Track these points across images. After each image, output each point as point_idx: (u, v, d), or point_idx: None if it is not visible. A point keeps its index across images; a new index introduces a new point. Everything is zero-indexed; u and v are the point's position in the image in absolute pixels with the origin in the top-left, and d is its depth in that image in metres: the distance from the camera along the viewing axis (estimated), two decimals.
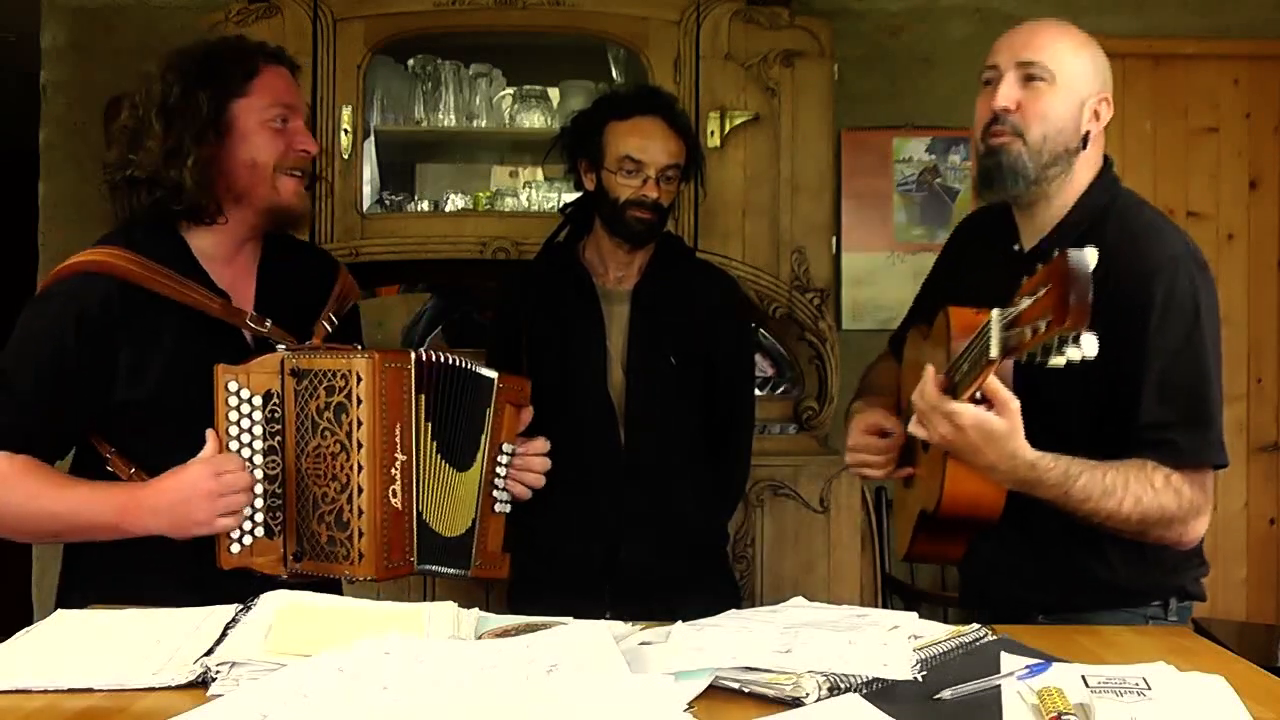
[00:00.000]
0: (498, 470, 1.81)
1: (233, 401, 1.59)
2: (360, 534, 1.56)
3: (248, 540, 1.59)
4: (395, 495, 1.59)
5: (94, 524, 1.60)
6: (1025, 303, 1.25)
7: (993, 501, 1.51)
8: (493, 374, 1.79)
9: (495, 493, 1.81)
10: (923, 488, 1.67)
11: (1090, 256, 1.18)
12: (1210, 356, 1.55)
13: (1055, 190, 1.65)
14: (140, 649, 1.24)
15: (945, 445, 1.47)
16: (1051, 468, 1.46)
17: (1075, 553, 1.60)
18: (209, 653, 1.20)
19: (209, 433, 1.58)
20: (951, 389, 1.44)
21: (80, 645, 1.28)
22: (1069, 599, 1.62)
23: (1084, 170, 1.67)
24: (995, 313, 1.31)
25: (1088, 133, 1.66)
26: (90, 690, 1.15)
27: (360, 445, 1.57)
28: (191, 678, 1.16)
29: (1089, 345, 1.19)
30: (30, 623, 1.37)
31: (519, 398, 1.84)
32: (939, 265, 1.99)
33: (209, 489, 1.54)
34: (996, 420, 1.41)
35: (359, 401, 1.56)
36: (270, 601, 1.33)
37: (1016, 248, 1.72)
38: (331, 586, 1.80)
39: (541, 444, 1.88)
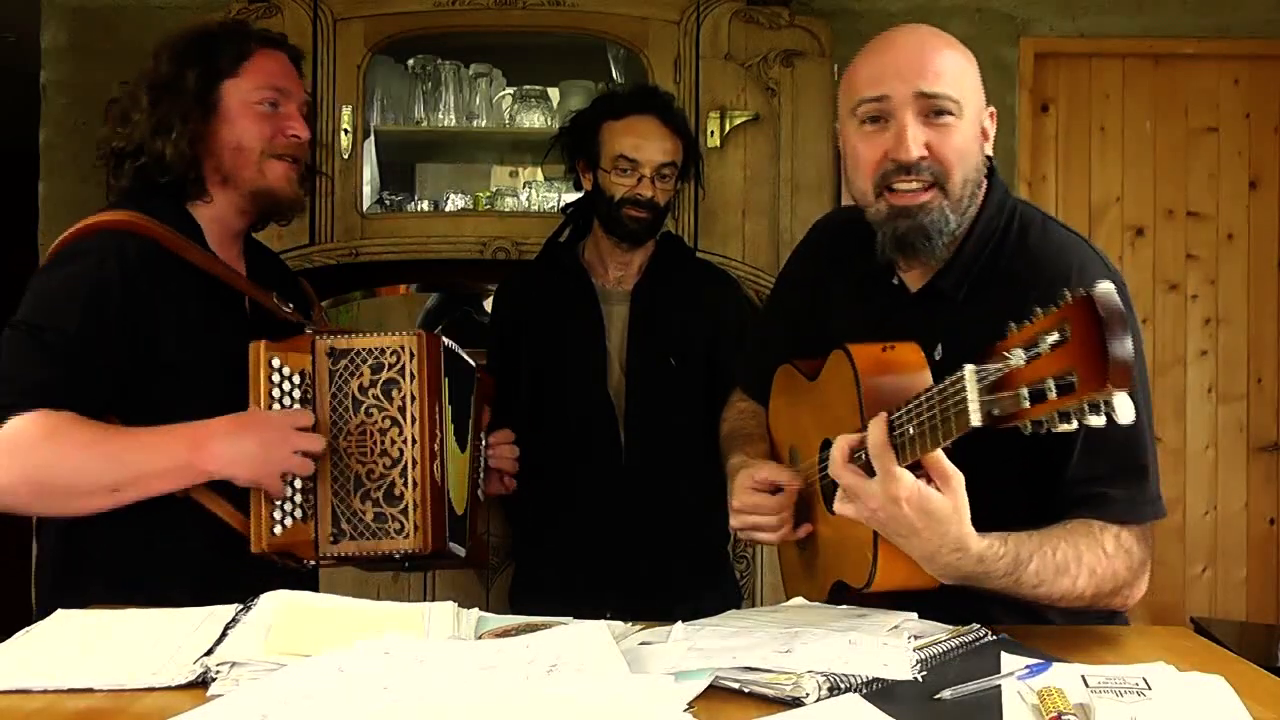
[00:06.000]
0: (480, 459, 1.84)
1: (275, 379, 1.57)
2: (414, 506, 1.58)
3: (288, 523, 1.56)
4: (437, 471, 1.61)
5: (163, 468, 1.52)
6: (1017, 357, 1.01)
7: (930, 577, 1.30)
8: (474, 364, 1.82)
9: (479, 479, 1.84)
10: (833, 552, 1.46)
11: (1115, 293, 0.94)
12: (1141, 403, 1.30)
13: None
14: (140, 649, 1.24)
15: (873, 522, 1.25)
16: (1000, 557, 1.25)
17: (1007, 618, 1.36)
18: (209, 653, 1.20)
19: (253, 409, 1.55)
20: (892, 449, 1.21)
21: (80, 645, 1.27)
22: None
23: (980, 190, 1.45)
24: (970, 369, 1.07)
25: (989, 158, 1.45)
26: (90, 690, 1.15)
27: (414, 419, 1.59)
28: (191, 678, 1.16)
29: (1124, 410, 0.94)
30: (30, 623, 1.37)
31: (489, 393, 1.88)
32: (790, 287, 1.73)
33: (289, 439, 1.52)
34: (938, 498, 1.19)
35: (412, 377, 1.59)
36: (270, 601, 1.33)
37: (896, 281, 1.49)
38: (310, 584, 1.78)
39: (509, 434, 1.91)
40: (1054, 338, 0.98)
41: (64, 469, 1.50)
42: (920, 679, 1.14)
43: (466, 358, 1.79)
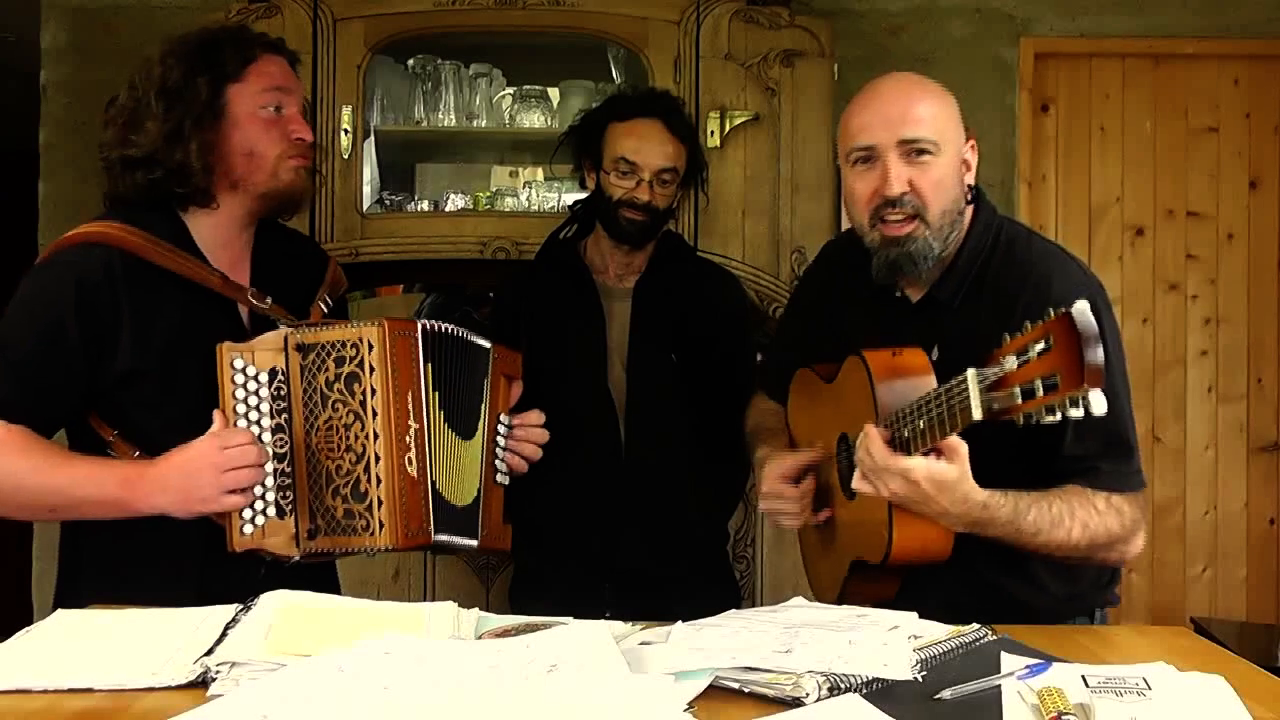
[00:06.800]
0: (497, 441, 1.81)
1: (239, 379, 1.58)
2: (379, 503, 1.55)
3: (260, 521, 1.57)
4: (411, 463, 1.58)
5: (97, 499, 1.56)
6: (1011, 363, 1.21)
7: (942, 544, 1.49)
8: (488, 344, 1.79)
9: (496, 463, 1.81)
10: (851, 534, 1.63)
11: (1090, 311, 1.15)
12: (1121, 389, 1.52)
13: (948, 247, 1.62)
14: (140, 649, 1.24)
15: (895, 499, 1.44)
16: (1002, 505, 1.45)
17: (1008, 585, 1.58)
18: (209, 653, 1.20)
19: (216, 413, 1.56)
20: (902, 444, 1.41)
21: (80, 645, 1.28)
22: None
23: (965, 214, 1.64)
24: (972, 372, 1.27)
25: (970, 186, 1.63)
26: (90, 690, 1.15)
27: (375, 413, 1.56)
28: (191, 678, 1.16)
29: (1098, 403, 1.14)
30: (30, 623, 1.37)
31: (512, 369, 1.84)
32: (804, 301, 1.94)
33: (214, 462, 1.52)
34: (948, 468, 1.39)
35: (371, 369, 1.56)
36: (270, 601, 1.33)
37: (899, 294, 1.67)
38: (329, 580, 1.78)
39: (537, 416, 1.87)
40: (1040, 346, 1.18)
41: (7, 485, 1.56)
42: (920, 679, 1.14)
43: (474, 339, 1.75)
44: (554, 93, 3.17)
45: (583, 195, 2.39)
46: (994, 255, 1.62)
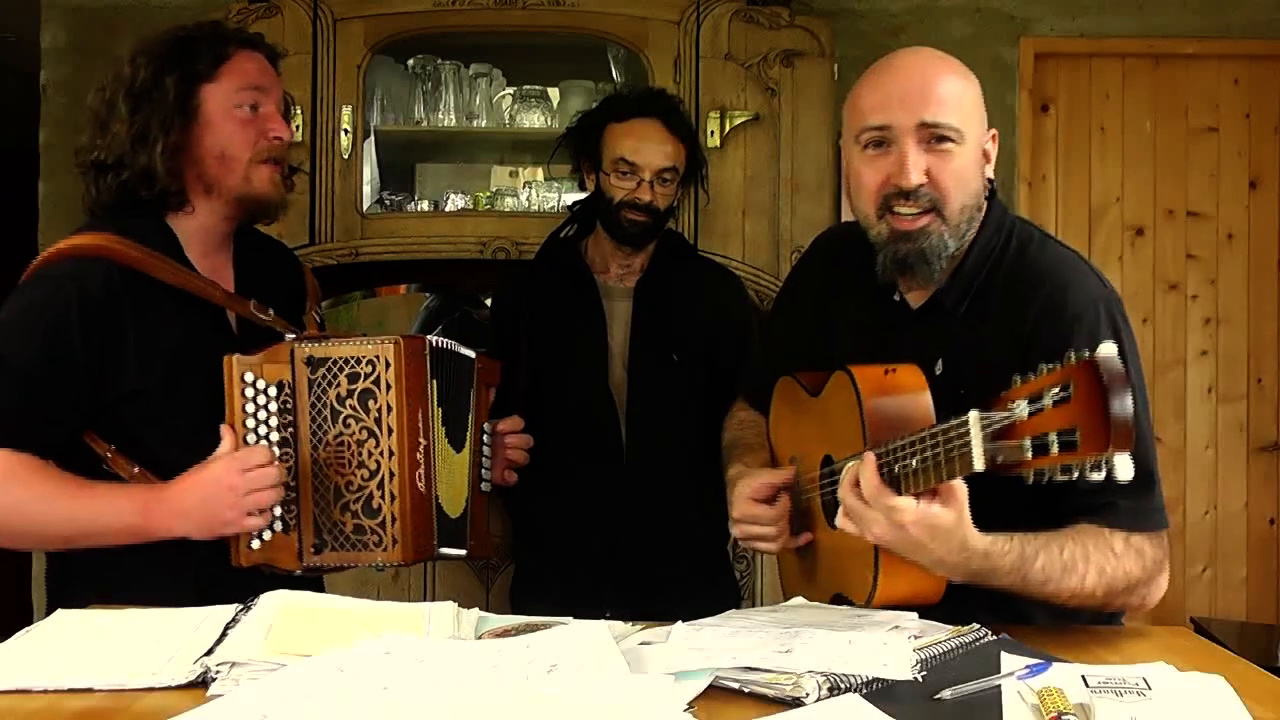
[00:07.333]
0: (482, 450, 1.82)
1: (248, 393, 1.56)
2: (393, 519, 1.56)
3: (267, 536, 1.56)
4: (420, 479, 1.59)
5: (114, 528, 1.52)
6: (1021, 409, 1.06)
7: (934, 589, 1.33)
8: (472, 354, 1.79)
9: (482, 472, 1.82)
10: (833, 564, 1.49)
11: (1118, 356, 1.00)
12: (1143, 415, 1.34)
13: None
14: (140, 649, 1.24)
15: (881, 543, 1.28)
16: (1006, 552, 1.28)
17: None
18: (209, 653, 1.20)
19: (224, 428, 1.54)
20: (891, 482, 1.24)
21: (80, 645, 1.28)
22: None
23: (981, 211, 1.49)
24: (975, 415, 1.11)
25: (989, 180, 1.48)
26: (90, 690, 1.15)
27: (391, 430, 1.56)
28: (191, 678, 1.16)
29: (1124, 469, 1.00)
30: (30, 623, 1.37)
31: (491, 378, 1.85)
32: (794, 299, 1.77)
33: (235, 484, 1.50)
34: (943, 513, 1.22)
35: (388, 387, 1.56)
36: (270, 601, 1.33)
37: (898, 298, 1.52)
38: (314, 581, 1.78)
39: (518, 422, 1.89)
40: (1057, 393, 1.02)
41: (17, 517, 1.52)
42: (920, 679, 1.14)
43: (462, 350, 1.76)
44: (554, 93, 3.18)
45: (582, 195, 2.39)
46: (1004, 258, 1.48)
